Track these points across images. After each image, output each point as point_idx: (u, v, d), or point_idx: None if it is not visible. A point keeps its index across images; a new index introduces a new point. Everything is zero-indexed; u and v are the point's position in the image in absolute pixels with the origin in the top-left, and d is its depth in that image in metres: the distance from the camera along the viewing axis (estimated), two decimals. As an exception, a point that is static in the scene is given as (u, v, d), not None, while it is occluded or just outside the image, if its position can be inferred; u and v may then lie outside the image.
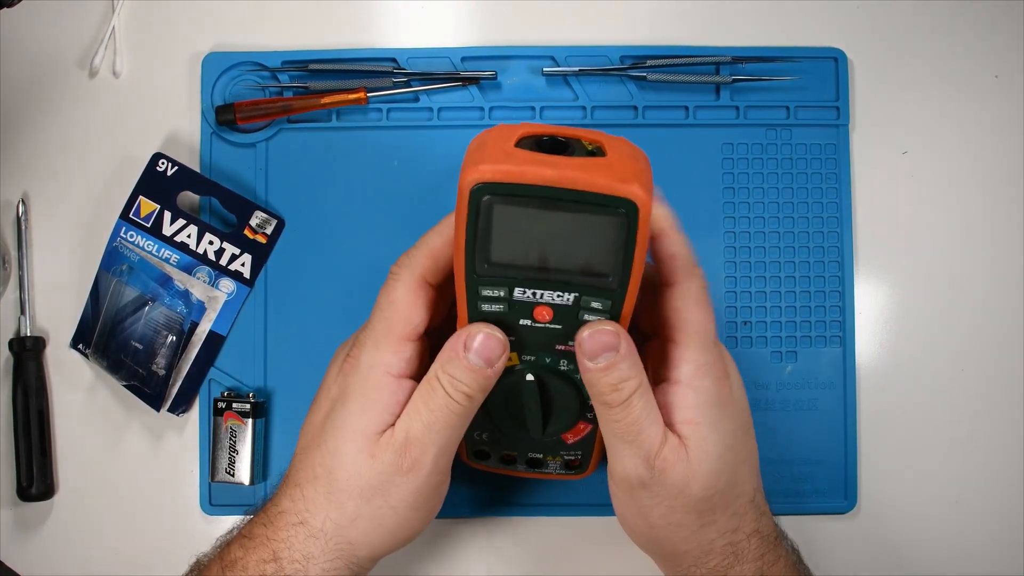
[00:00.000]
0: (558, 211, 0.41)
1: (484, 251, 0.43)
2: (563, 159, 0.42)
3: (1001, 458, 0.59)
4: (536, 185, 0.41)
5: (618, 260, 0.42)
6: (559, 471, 0.52)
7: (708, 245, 0.59)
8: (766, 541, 0.48)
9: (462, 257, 0.43)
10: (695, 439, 0.45)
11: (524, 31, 0.61)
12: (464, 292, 0.44)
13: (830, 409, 0.59)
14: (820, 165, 0.59)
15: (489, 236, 0.42)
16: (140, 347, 0.58)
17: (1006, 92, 0.61)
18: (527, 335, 0.45)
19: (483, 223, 0.42)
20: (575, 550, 0.59)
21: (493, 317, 0.45)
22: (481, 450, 0.52)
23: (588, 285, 0.43)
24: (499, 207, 0.41)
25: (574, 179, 0.41)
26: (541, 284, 0.43)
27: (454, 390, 0.45)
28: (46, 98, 0.61)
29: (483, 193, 0.41)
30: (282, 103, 0.59)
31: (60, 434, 0.60)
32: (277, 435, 0.59)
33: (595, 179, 0.41)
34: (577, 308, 0.44)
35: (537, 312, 0.44)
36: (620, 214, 0.41)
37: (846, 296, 0.59)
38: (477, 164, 0.41)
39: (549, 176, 0.41)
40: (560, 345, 0.46)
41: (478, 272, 0.43)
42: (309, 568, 0.47)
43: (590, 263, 0.43)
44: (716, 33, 0.61)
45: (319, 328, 0.59)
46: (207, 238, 0.59)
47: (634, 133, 0.59)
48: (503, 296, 0.44)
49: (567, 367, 0.47)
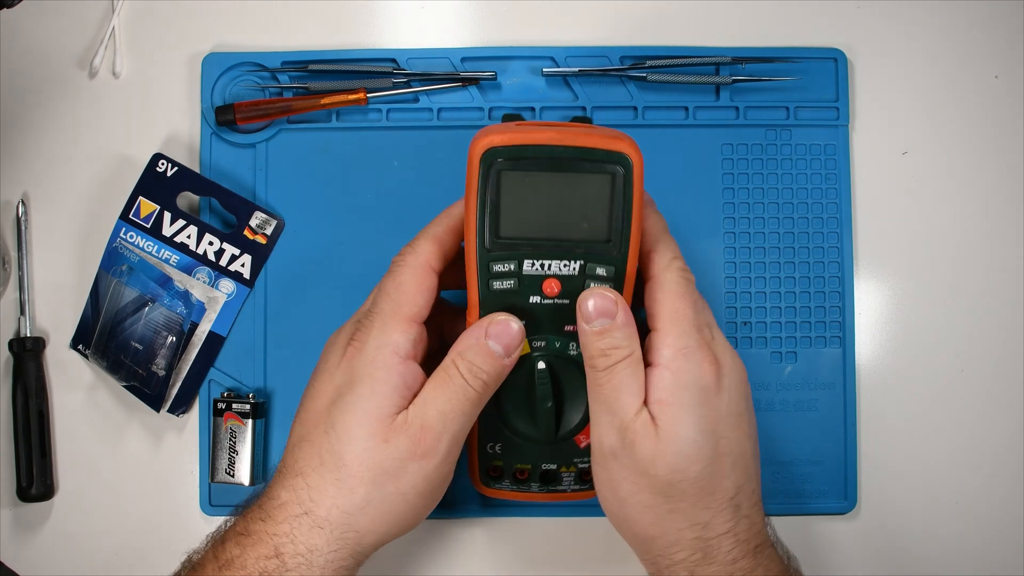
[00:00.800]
0: (560, 171, 0.47)
1: (494, 223, 0.47)
2: (562, 123, 0.50)
3: (1001, 458, 0.59)
4: (540, 145, 0.46)
5: (616, 217, 0.47)
6: (573, 487, 0.52)
7: (708, 245, 0.59)
8: (742, 546, 0.47)
9: (473, 233, 0.47)
10: (665, 419, 0.46)
11: (524, 31, 0.61)
12: (475, 271, 0.48)
13: (830, 409, 0.59)
14: (820, 165, 0.59)
15: (499, 206, 0.47)
16: (140, 347, 0.58)
17: (1006, 92, 0.61)
18: (538, 313, 0.48)
19: (492, 193, 0.47)
20: (575, 550, 0.59)
21: (504, 296, 0.48)
22: (494, 467, 0.52)
23: (592, 252, 0.47)
24: (507, 173, 0.47)
25: (574, 138, 0.47)
26: (548, 253, 0.47)
27: (472, 376, 0.46)
28: (46, 98, 0.61)
29: (493, 157, 0.46)
30: (282, 103, 0.59)
31: (60, 434, 0.60)
32: (277, 435, 0.59)
33: (591, 139, 0.47)
34: (583, 277, 0.48)
35: (546, 285, 0.48)
36: (616, 171, 0.47)
37: (846, 296, 0.59)
38: (486, 135, 0.47)
39: (551, 137, 0.47)
40: (569, 326, 0.49)
41: (488, 246, 0.47)
42: (313, 561, 0.46)
43: (592, 225, 0.47)
44: (716, 33, 0.61)
45: (319, 328, 0.59)
46: (207, 239, 0.59)
47: (634, 133, 0.59)
48: (513, 270, 0.48)
49: (576, 352, 0.49)
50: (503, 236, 0.47)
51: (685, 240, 0.59)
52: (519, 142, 0.46)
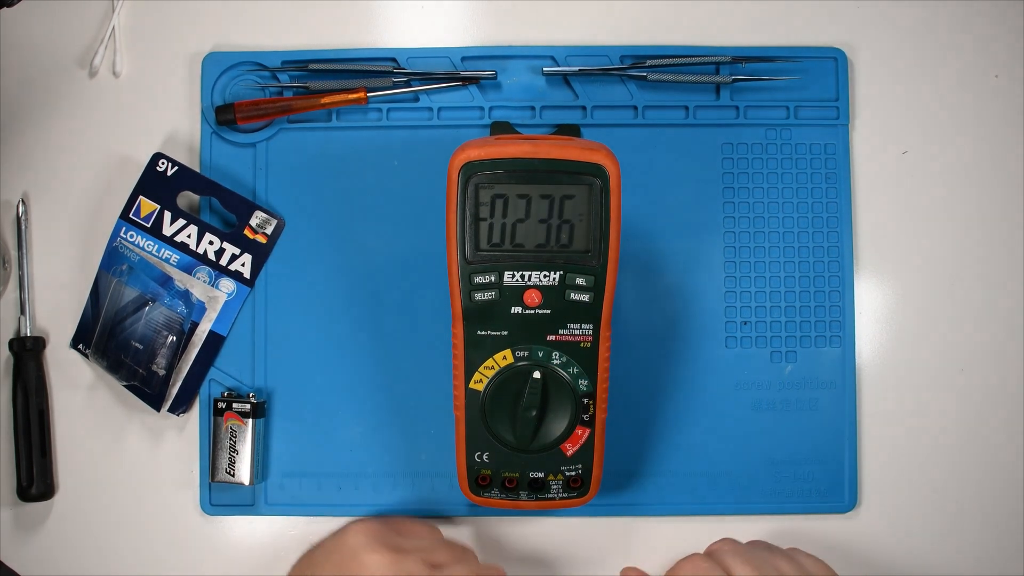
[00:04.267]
0: (538, 184, 0.48)
1: (474, 236, 0.49)
2: (540, 136, 0.52)
3: (1001, 458, 0.59)
4: (517, 159, 0.48)
5: (594, 228, 0.48)
6: (562, 495, 0.53)
7: (708, 245, 0.59)
8: None
9: (454, 246, 0.49)
10: None
11: (524, 31, 0.61)
12: (457, 283, 0.49)
13: (830, 409, 0.59)
14: (820, 165, 0.59)
15: (478, 219, 0.48)
16: (140, 347, 0.58)
17: (1006, 92, 0.61)
18: (520, 324, 0.49)
19: (471, 206, 0.48)
20: (575, 550, 0.59)
21: (486, 307, 0.49)
22: (483, 475, 0.53)
23: (571, 263, 0.49)
24: (485, 186, 0.48)
25: (549, 150, 0.48)
26: (528, 265, 0.49)
27: None
28: (46, 98, 0.61)
29: (471, 171, 0.48)
30: (282, 103, 0.59)
31: (60, 434, 0.60)
32: (277, 435, 0.59)
33: (567, 151, 0.48)
34: (563, 288, 0.49)
35: (527, 296, 0.49)
36: (593, 182, 0.48)
37: (846, 296, 0.59)
38: (464, 150, 0.48)
39: (528, 150, 0.48)
40: (551, 335, 0.50)
41: (469, 259, 0.49)
42: None
43: (571, 236, 0.48)
44: (716, 33, 0.61)
45: (319, 328, 0.59)
46: (207, 238, 0.59)
47: (634, 133, 0.59)
48: (493, 282, 0.49)
49: (560, 360, 0.50)
50: (483, 248, 0.49)
51: (685, 240, 0.59)
52: (496, 156, 0.48)
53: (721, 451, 0.58)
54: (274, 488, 0.59)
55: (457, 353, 0.51)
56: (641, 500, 0.58)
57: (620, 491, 0.58)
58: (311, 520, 0.59)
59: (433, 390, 0.58)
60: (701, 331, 0.59)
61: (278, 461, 0.59)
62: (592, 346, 0.50)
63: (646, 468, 0.58)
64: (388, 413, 0.59)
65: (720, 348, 0.59)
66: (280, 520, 0.59)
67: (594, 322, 0.50)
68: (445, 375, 0.54)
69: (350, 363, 0.59)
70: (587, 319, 0.50)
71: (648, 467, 0.58)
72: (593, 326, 0.50)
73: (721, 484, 0.58)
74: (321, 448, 0.59)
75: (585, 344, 0.50)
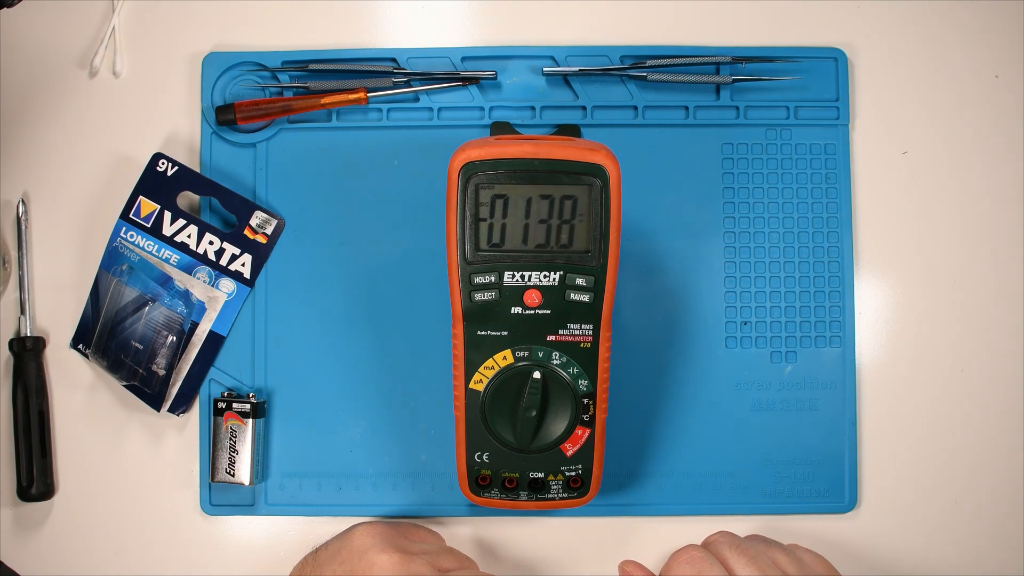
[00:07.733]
0: (538, 184, 0.48)
1: (474, 236, 0.49)
2: (540, 136, 0.51)
3: (1001, 458, 0.59)
4: (517, 159, 0.48)
5: (594, 228, 0.48)
6: (562, 495, 0.53)
7: (708, 245, 0.59)
8: None
9: (455, 246, 0.49)
10: None
11: (524, 31, 0.61)
12: (458, 283, 0.49)
13: (830, 409, 0.59)
14: (820, 165, 0.59)
15: (478, 219, 0.48)
16: (140, 347, 0.58)
17: (1006, 92, 0.61)
18: (520, 324, 0.49)
19: (471, 206, 0.48)
20: (575, 550, 0.59)
21: (486, 307, 0.49)
22: (483, 476, 0.53)
23: (571, 263, 0.49)
24: (485, 187, 0.48)
25: (550, 151, 0.48)
26: (528, 265, 0.49)
27: None
28: (46, 98, 0.61)
29: (471, 171, 0.48)
30: (282, 103, 0.59)
31: (60, 434, 0.60)
32: (277, 435, 0.59)
33: (567, 151, 0.48)
34: (563, 288, 0.49)
35: (527, 296, 0.49)
36: (593, 182, 0.48)
37: (846, 296, 0.59)
38: (464, 150, 0.48)
39: (527, 150, 0.48)
40: (551, 335, 0.50)
41: (469, 259, 0.49)
42: None
43: (571, 236, 0.49)
44: (716, 33, 0.61)
45: (319, 328, 0.59)
46: (207, 238, 0.59)
47: (634, 133, 0.59)
48: (493, 282, 0.49)
49: (560, 360, 0.50)
50: (483, 248, 0.49)
51: (685, 240, 0.59)
52: (496, 156, 0.48)
53: (721, 451, 0.58)
54: (274, 488, 0.59)
55: (457, 353, 0.51)
56: (641, 500, 0.58)
57: (620, 491, 0.58)
58: (311, 520, 0.59)
59: (433, 390, 0.58)
60: (701, 331, 0.59)
61: (278, 461, 0.59)
62: (592, 346, 0.50)
63: (646, 468, 0.58)
64: (388, 413, 0.59)
65: (720, 348, 0.59)
66: (280, 520, 0.59)
67: (594, 322, 0.50)
68: (445, 375, 0.54)
69: (350, 363, 0.59)
70: (587, 319, 0.50)
71: (648, 467, 0.58)
72: (593, 326, 0.50)
73: (721, 484, 0.58)
74: (321, 448, 0.59)
75: (585, 344, 0.50)
